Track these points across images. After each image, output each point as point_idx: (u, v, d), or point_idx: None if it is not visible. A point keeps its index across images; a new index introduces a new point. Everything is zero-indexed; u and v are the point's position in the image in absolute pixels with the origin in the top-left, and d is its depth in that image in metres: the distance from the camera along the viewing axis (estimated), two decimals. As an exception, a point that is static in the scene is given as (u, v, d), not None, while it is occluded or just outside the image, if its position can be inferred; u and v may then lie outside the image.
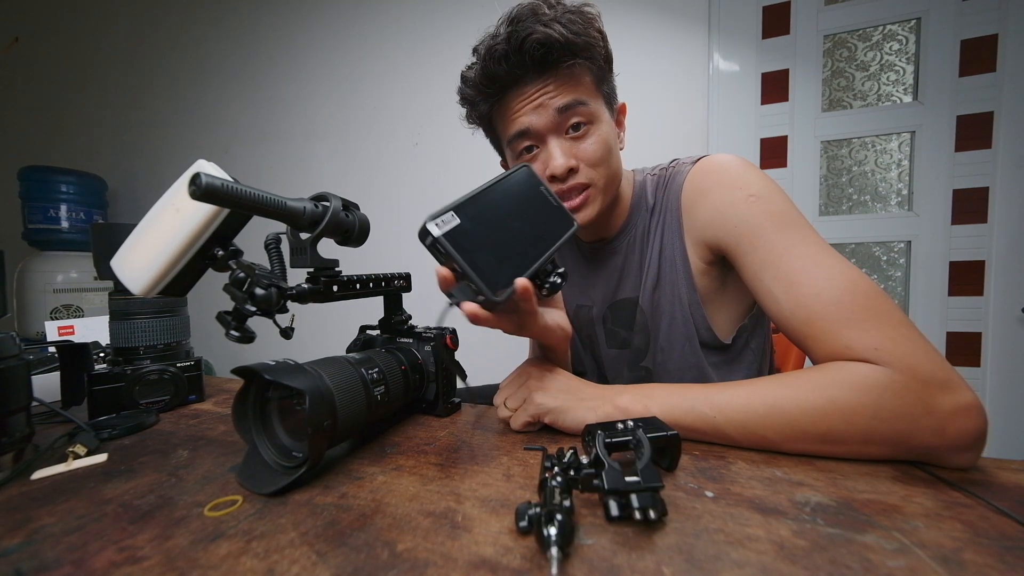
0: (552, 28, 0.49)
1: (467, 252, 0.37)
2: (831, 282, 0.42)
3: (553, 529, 0.25)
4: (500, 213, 0.42)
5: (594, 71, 0.54)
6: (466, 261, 0.37)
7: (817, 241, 0.46)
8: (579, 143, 0.55)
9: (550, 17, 0.50)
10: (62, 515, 0.33)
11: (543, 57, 0.50)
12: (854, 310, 0.41)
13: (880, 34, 1.32)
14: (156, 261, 0.39)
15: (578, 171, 0.55)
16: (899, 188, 1.33)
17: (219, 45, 2.08)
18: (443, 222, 0.37)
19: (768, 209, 0.49)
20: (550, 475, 0.31)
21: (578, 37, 0.50)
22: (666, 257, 0.60)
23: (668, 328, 0.61)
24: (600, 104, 0.56)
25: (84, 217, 2.03)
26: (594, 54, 0.53)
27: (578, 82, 0.53)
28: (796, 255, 0.46)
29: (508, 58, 0.51)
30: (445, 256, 0.37)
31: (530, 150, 0.56)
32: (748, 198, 0.51)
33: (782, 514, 0.31)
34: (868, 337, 0.39)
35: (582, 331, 0.72)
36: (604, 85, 0.56)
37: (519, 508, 0.28)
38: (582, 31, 0.51)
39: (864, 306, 0.41)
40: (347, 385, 0.40)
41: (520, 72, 0.52)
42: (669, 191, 0.60)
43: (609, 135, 0.56)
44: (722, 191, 0.53)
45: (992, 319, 1.25)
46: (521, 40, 0.50)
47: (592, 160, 0.55)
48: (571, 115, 0.53)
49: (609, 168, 0.56)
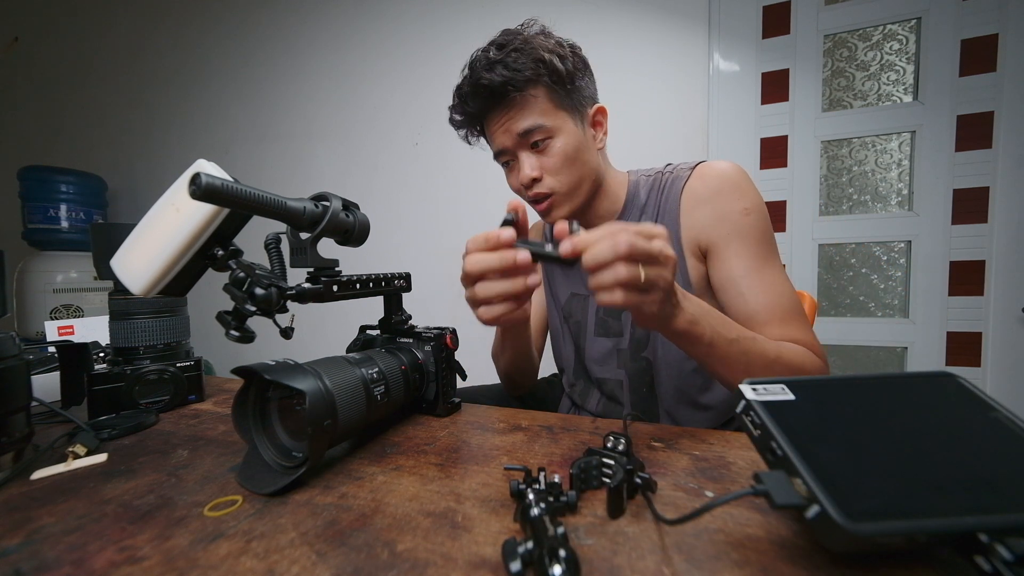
0: (495, 71, 0.58)
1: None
2: (785, 295, 0.59)
3: (558, 568, 0.23)
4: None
5: (546, 92, 0.60)
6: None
7: (778, 260, 0.62)
8: (543, 156, 0.62)
9: (495, 60, 0.58)
10: (62, 515, 0.33)
11: (492, 95, 0.60)
12: (793, 315, 0.58)
13: (880, 34, 1.32)
14: (156, 261, 0.39)
15: (541, 180, 0.63)
16: (899, 188, 1.33)
17: (219, 45, 2.08)
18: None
19: (757, 225, 0.61)
20: (532, 499, 0.29)
21: (519, 74, 0.58)
22: None
23: None
24: (559, 117, 0.61)
25: (84, 217, 2.03)
26: (540, 80, 0.59)
27: (532, 107, 0.60)
28: (768, 271, 0.60)
29: (469, 98, 0.62)
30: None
31: (508, 164, 0.66)
32: (744, 210, 0.61)
33: (782, 514, 0.30)
34: (798, 332, 0.57)
35: (571, 318, 0.75)
36: (561, 100, 0.61)
37: (507, 547, 0.25)
38: (523, 66, 0.58)
39: (797, 312, 0.59)
40: (347, 385, 0.40)
41: (483, 107, 0.62)
42: (667, 194, 0.66)
43: (573, 143, 0.62)
44: (721, 200, 0.62)
45: (992, 319, 1.24)
46: (474, 85, 0.60)
47: (552, 169, 0.62)
48: (531, 135, 0.61)
49: (571, 174, 0.63)
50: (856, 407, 0.30)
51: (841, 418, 0.29)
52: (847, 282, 1.39)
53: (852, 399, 0.31)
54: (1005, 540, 0.22)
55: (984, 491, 0.24)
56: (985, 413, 0.29)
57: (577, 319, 0.74)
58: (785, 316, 0.58)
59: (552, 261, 0.38)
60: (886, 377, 0.33)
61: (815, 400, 0.30)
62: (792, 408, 0.29)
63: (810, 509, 0.23)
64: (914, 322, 1.31)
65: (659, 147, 1.46)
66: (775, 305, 0.58)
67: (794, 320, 0.58)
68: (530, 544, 0.25)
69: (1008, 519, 0.23)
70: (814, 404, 0.30)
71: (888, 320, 1.35)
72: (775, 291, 0.59)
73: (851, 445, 0.27)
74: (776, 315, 0.58)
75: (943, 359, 1.29)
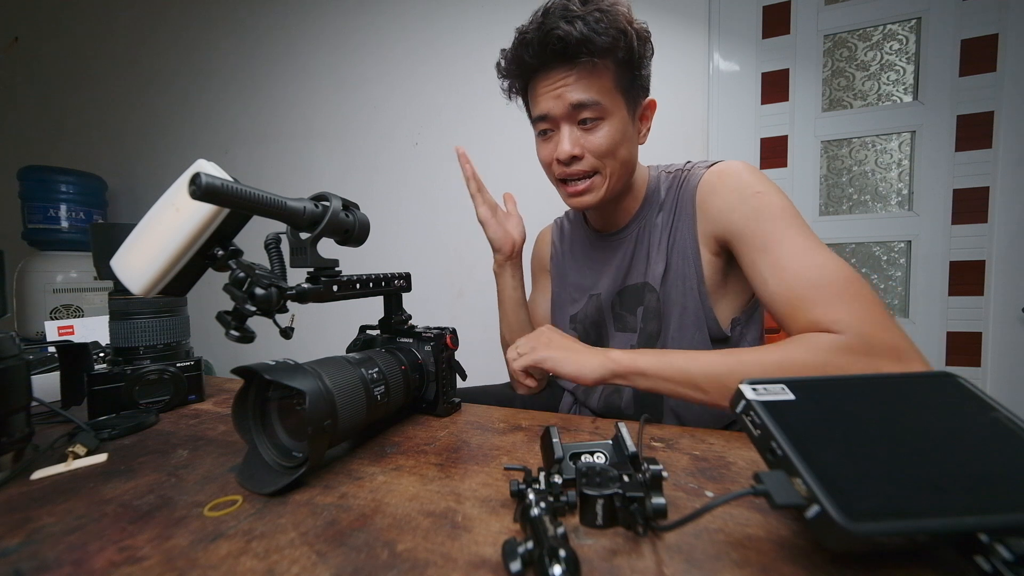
0: (574, 26, 0.52)
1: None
2: (814, 269, 0.48)
3: (558, 568, 0.23)
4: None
5: (614, 69, 0.56)
6: None
7: (809, 235, 0.52)
8: (588, 134, 0.58)
9: (576, 14, 0.53)
10: (62, 515, 0.33)
11: (563, 51, 0.54)
12: (829, 292, 0.46)
13: (880, 34, 1.31)
14: (156, 261, 0.39)
15: (583, 158, 0.59)
16: (899, 188, 1.33)
17: (219, 45, 2.08)
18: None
19: (771, 203, 0.55)
20: (532, 499, 0.28)
21: (598, 37, 0.53)
22: (678, 249, 0.64)
23: (680, 316, 0.64)
24: (616, 101, 0.58)
25: (84, 217, 2.03)
26: (615, 53, 0.55)
27: (595, 79, 0.56)
28: (788, 244, 0.51)
29: (533, 47, 0.56)
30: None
31: (545, 134, 0.62)
32: (755, 194, 0.56)
33: (782, 514, 0.30)
34: (833, 312, 0.45)
35: (588, 319, 0.75)
36: (625, 82, 0.58)
37: (507, 546, 0.25)
38: (604, 31, 0.53)
39: (838, 289, 0.46)
40: (347, 385, 0.40)
41: (543, 61, 0.57)
42: (684, 190, 0.64)
43: (620, 131, 0.59)
44: (733, 189, 0.59)
45: (992, 319, 1.24)
46: (545, 33, 0.54)
47: (597, 151, 0.59)
48: (583, 110, 0.57)
49: (615, 160, 0.60)
50: (856, 407, 0.30)
51: (841, 418, 0.29)
52: (847, 282, 1.39)
53: (852, 399, 0.31)
54: (1005, 540, 0.22)
55: (984, 491, 0.24)
56: (985, 413, 0.29)
57: (595, 319, 0.74)
58: (809, 297, 0.47)
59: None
60: (886, 377, 0.33)
61: (815, 400, 0.30)
62: (792, 408, 0.29)
63: (810, 509, 0.24)
64: (914, 322, 1.31)
65: (659, 147, 1.45)
66: (796, 284, 0.49)
67: (823, 298, 0.46)
68: (530, 544, 0.25)
69: (1008, 519, 0.23)
70: (814, 404, 0.30)
71: (888, 320, 1.35)
72: (795, 266, 0.49)
73: (851, 445, 0.27)
74: (796, 298, 0.48)
75: (943, 359, 1.29)
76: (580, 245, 0.78)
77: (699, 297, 0.62)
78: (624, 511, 0.28)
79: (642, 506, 0.27)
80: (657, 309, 0.66)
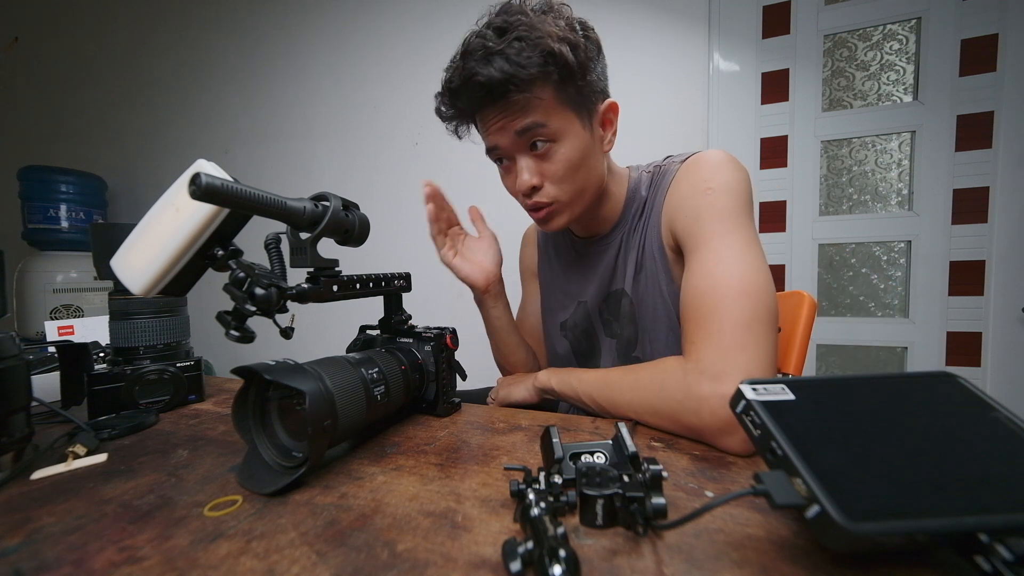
0: (493, 67, 0.49)
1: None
2: (723, 285, 0.46)
3: (558, 568, 0.23)
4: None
5: (553, 89, 0.52)
6: None
7: (739, 241, 0.48)
8: (543, 161, 0.55)
9: (494, 50, 0.49)
10: (62, 515, 0.33)
11: (489, 94, 0.51)
12: (717, 311, 0.45)
13: (880, 34, 1.32)
14: (156, 261, 0.39)
15: (542, 188, 0.57)
16: (899, 188, 1.33)
17: (219, 45, 2.08)
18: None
19: (715, 203, 0.51)
20: (532, 499, 0.28)
21: (523, 71, 0.49)
22: (647, 250, 0.62)
23: (652, 318, 0.63)
24: (565, 117, 0.54)
25: (84, 217, 2.03)
26: (548, 77, 0.51)
27: (534, 105, 0.52)
28: (713, 250, 0.49)
29: (461, 94, 0.54)
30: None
31: (501, 161, 0.60)
32: (705, 191, 0.53)
33: (782, 514, 0.30)
34: (699, 334, 0.46)
35: (578, 327, 0.74)
36: (570, 96, 0.54)
37: (507, 546, 0.25)
38: (527, 61, 0.49)
39: (726, 308, 0.45)
40: (347, 385, 0.40)
41: (475, 106, 0.54)
42: (658, 188, 0.61)
43: (578, 148, 0.55)
44: (689, 183, 0.56)
45: (992, 319, 1.25)
46: (466, 80, 0.51)
47: (555, 178, 0.56)
48: (531, 136, 0.54)
49: (575, 183, 0.57)
50: (856, 407, 0.30)
51: (841, 418, 0.29)
52: (847, 282, 1.39)
53: (852, 399, 0.31)
54: (1005, 540, 0.22)
55: (984, 491, 0.24)
56: (985, 413, 0.29)
57: (585, 326, 0.73)
58: (708, 314, 0.45)
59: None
60: (886, 377, 0.33)
61: (815, 400, 0.30)
62: (792, 408, 0.29)
63: (810, 509, 0.23)
64: (914, 322, 1.31)
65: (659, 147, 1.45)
66: (695, 294, 0.48)
67: (714, 316, 0.45)
68: (530, 544, 0.25)
69: (1008, 519, 0.23)
70: (814, 404, 0.30)
71: (888, 320, 1.35)
72: (704, 275, 0.48)
73: (851, 445, 0.27)
74: (687, 307, 0.48)
75: (943, 359, 1.30)
76: (566, 251, 0.76)
77: (667, 298, 0.60)
78: (624, 511, 0.28)
79: (642, 506, 0.27)
80: (631, 314, 0.65)
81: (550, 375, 0.61)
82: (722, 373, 0.41)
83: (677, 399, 0.44)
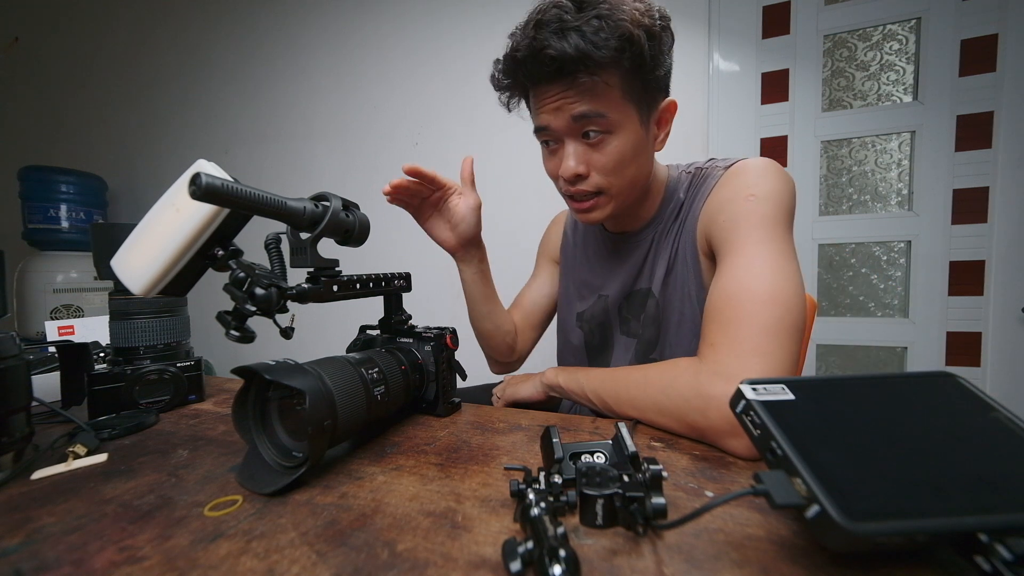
0: (568, 42, 0.47)
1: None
2: (751, 290, 0.45)
3: (558, 568, 0.23)
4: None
5: (621, 78, 0.50)
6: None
7: (773, 251, 0.48)
8: (594, 151, 0.54)
9: (571, 25, 0.47)
10: (62, 515, 0.33)
11: (558, 71, 0.49)
12: (741, 315, 0.44)
13: (880, 34, 1.32)
14: (156, 261, 0.39)
15: (588, 177, 0.55)
16: (899, 188, 1.33)
17: (219, 45, 2.08)
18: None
19: (755, 209, 0.51)
20: (532, 499, 0.28)
21: (597, 51, 0.47)
22: (680, 254, 0.62)
23: (678, 323, 0.63)
24: (626, 111, 0.52)
25: (84, 217, 2.03)
26: (620, 64, 0.49)
27: (599, 92, 0.50)
28: (745, 256, 0.48)
29: (526, 65, 0.51)
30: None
31: (548, 144, 0.58)
32: (747, 197, 0.52)
33: (782, 514, 0.30)
34: (719, 336, 0.45)
35: (595, 319, 0.74)
36: (635, 89, 0.52)
37: (507, 546, 0.25)
38: (604, 43, 0.47)
39: (750, 313, 0.44)
40: (347, 385, 0.40)
41: (538, 79, 0.52)
42: (699, 191, 0.61)
43: (631, 144, 0.54)
44: (731, 188, 0.55)
45: (992, 319, 1.25)
46: (536, 52, 0.49)
47: (604, 169, 0.54)
48: (586, 124, 0.52)
49: (623, 177, 0.55)
50: (856, 407, 0.30)
51: (841, 418, 0.29)
52: (847, 282, 1.39)
53: (852, 399, 0.31)
54: (1005, 540, 0.22)
55: (984, 491, 0.24)
56: (985, 413, 0.29)
57: (601, 320, 0.73)
58: (729, 316, 0.45)
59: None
60: (886, 377, 0.33)
61: (815, 400, 0.30)
62: (792, 408, 0.29)
63: (810, 509, 0.24)
64: (914, 322, 1.31)
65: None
66: (719, 296, 0.47)
67: (735, 319, 0.44)
68: (530, 544, 0.25)
69: (1008, 519, 0.23)
70: (814, 404, 0.30)
71: (888, 320, 1.35)
72: (732, 279, 0.47)
73: (851, 445, 0.27)
74: (711, 310, 0.48)
75: (943, 359, 1.30)
76: (593, 242, 0.75)
77: (695, 304, 0.60)
78: (624, 511, 0.28)
79: (642, 506, 0.27)
80: (656, 316, 0.65)
81: (557, 373, 0.62)
82: (737, 376, 0.39)
83: (685, 397, 0.43)
